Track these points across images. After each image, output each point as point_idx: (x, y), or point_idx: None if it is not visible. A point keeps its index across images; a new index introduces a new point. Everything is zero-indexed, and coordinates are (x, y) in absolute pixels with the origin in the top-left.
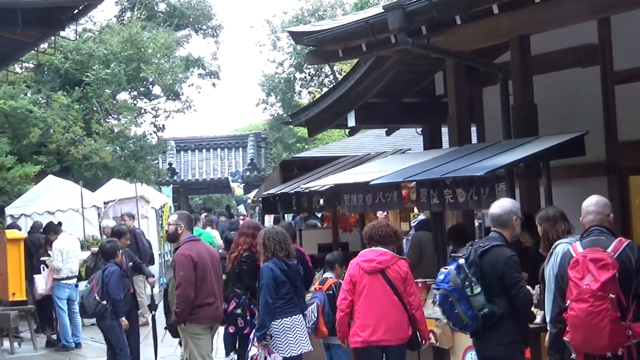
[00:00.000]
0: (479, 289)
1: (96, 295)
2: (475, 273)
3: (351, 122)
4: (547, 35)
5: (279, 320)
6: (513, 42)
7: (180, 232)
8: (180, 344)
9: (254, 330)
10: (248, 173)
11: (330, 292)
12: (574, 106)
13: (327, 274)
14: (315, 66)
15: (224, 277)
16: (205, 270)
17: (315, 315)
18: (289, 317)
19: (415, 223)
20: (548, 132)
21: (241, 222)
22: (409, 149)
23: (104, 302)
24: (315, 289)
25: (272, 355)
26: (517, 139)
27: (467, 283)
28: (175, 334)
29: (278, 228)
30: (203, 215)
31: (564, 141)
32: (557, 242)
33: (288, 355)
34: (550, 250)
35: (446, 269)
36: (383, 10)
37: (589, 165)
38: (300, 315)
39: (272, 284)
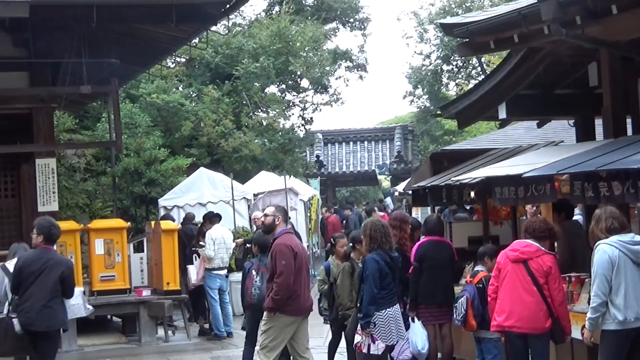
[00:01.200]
0: None
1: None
2: None
3: (502, 114)
4: None
5: (383, 311)
6: None
7: (277, 223)
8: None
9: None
10: (395, 165)
11: (480, 285)
12: None
13: (478, 267)
14: (463, 58)
15: None
16: (302, 262)
17: (465, 309)
18: (391, 307)
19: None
20: None
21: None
22: (562, 141)
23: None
24: (466, 281)
25: (375, 342)
26: None
27: None
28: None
29: (383, 221)
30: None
31: None
32: (597, 242)
33: (390, 343)
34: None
35: None
36: (536, 1)
37: None
38: (398, 305)
39: (377, 275)
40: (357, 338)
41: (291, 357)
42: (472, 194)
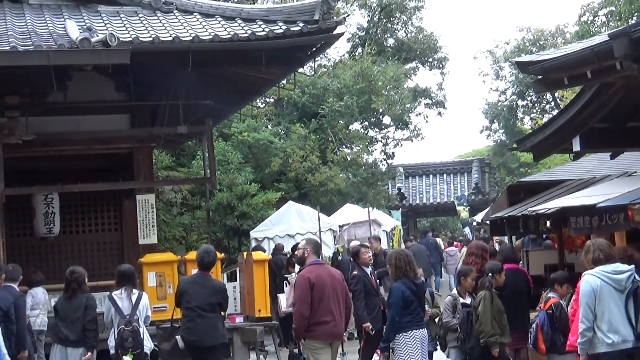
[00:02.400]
0: None
1: None
2: None
3: (576, 147)
4: None
5: (410, 332)
6: None
7: (306, 255)
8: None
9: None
10: (473, 197)
11: (550, 311)
12: None
13: (550, 294)
14: (537, 94)
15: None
16: (324, 291)
17: (534, 333)
18: (418, 330)
19: None
20: None
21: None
22: (635, 172)
23: None
24: (540, 307)
25: None
26: None
27: None
28: None
29: (407, 250)
30: None
31: None
32: (583, 273)
33: None
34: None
35: None
36: (608, 38)
37: None
38: (425, 329)
39: (400, 304)
40: (375, 358)
41: None
42: (548, 223)
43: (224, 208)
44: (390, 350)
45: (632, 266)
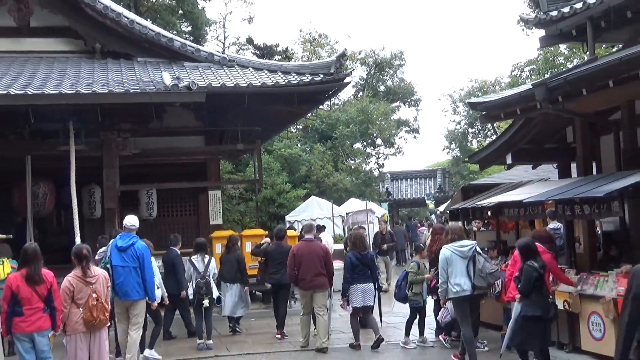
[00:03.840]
0: None
1: None
2: None
3: (509, 160)
4: None
5: (355, 285)
6: (623, 105)
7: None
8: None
9: None
10: (437, 194)
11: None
12: None
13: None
14: (482, 125)
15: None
16: (303, 257)
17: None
18: (361, 284)
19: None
20: None
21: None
22: (549, 178)
23: None
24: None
25: (349, 305)
26: (626, 171)
27: None
28: None
29: (360, 232)
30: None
31: None
32: (442, 247)
33: (357, 305)
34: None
35: None
36: (531, 87)
37: None
38: (372, 284)
39: (349, 267)
40: (340, 302)
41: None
42: (489, 213)
43: (267, 200)
44: (347, 296)
45: (474, 242)
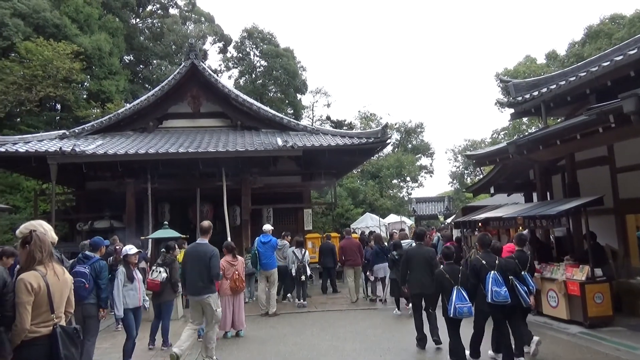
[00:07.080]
0: None
1: None
2: None
3: (492, 191)
4: (583, 153)
5: (376, 265)
6: (566, 156)
7: (344, 235)
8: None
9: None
10: (445, 212)
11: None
12: (598, 182)
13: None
14: (475, 168)
15: None
16: (346, 249)
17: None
18: (381, 264)
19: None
20: (586, 195)
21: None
22: (519, 202)
23: None
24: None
25: (371, 275)
26: (569, 198)
27: None
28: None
29: (380, 234)
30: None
31: (592, 199)
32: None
33: (377, 275)
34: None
35: None
36: (506, 145)
37: (606, 209)
38: (386, 263)
39: (374, 254)
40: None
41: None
42: (480, 224)
43: (339, 215)
44: (373, 270)
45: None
